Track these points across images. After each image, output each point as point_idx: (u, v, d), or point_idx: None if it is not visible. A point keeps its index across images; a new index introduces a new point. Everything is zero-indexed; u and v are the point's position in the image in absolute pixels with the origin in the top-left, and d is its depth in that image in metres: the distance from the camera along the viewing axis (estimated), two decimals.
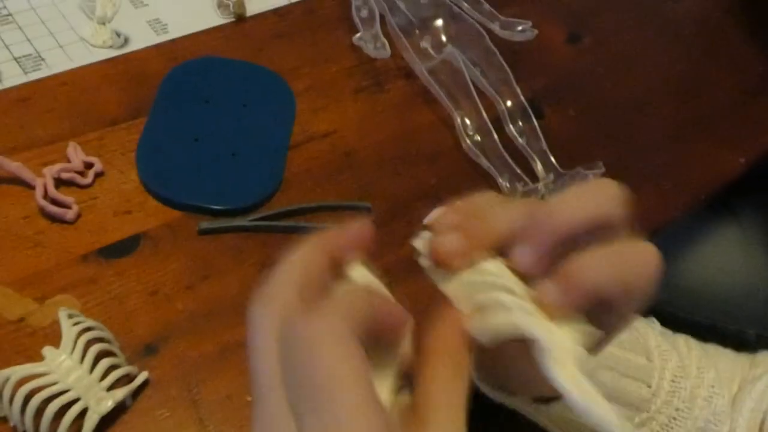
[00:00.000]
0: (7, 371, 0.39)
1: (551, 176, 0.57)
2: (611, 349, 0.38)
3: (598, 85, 0.71)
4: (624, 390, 0.39)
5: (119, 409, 0.41)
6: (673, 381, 0.40)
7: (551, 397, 0.35)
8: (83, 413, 0.39)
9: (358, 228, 0.27)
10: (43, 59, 0.56)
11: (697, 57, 0.74)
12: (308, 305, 0.23)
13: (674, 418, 0.40)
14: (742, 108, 0.71)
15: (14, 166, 0.48)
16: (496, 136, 0.60)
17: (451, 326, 0.26)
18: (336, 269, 0.26)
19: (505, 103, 0.63)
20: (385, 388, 0.24)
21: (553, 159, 0.60)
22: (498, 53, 0.65)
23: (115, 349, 0.43)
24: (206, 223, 0.50)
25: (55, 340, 0.41)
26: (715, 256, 0.76)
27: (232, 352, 0.45)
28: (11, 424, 0.39)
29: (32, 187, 0.48)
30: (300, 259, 0.25)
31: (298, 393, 0.21)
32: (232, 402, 0.43)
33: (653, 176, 0.64)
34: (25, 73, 0.55)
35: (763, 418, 0.39)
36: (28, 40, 0.57)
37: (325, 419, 0.20)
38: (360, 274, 0.27)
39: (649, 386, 0.39)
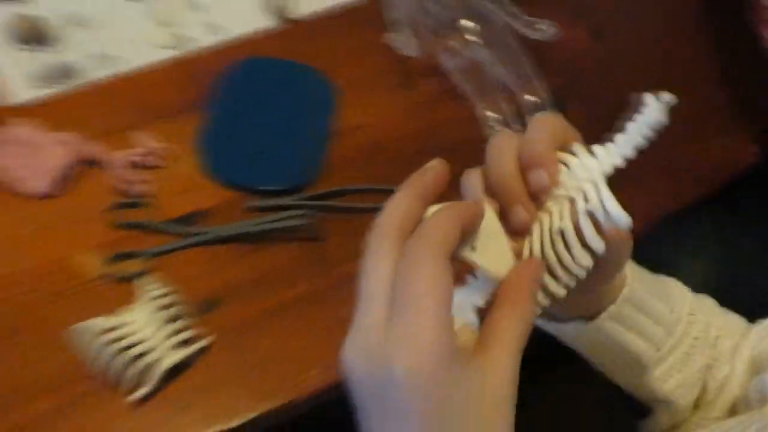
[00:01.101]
0: (91, 322, 0.46)
1: None
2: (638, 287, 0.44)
3: (618, 78, 0.75)
4: (653, 309, 0.44)
5: (183, 365, 0.48)
6: (690, 314, 0.45)
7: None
8: (152, 364, 0.46)
9: (434, 174, 0.34)
10: (113, 57, 0.64)
11: (721, 51, 0.78)
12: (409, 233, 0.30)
13: (694, 347, 0.46)
14: (758, 101, 0.75)
15: (94, 149, 0.56)
16: (518, 128, 0.65)
17: (526, 275, 0.32)
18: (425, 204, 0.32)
19: (527, 98, 0.68)
20: (469, 304, 0.31)
21: None
22: (521, 51, 0.70)
23: (182, 311, 0.49)
24: (255, 201, 0.56)
25: (128, 295, 0.48)
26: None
27: (282, 311, 0.51)
28: (94, 366, 0.46)
29: (108, 168, 0.55)
30: (399, 201, 0.32)
31: (398, 296, 0.28)
32: (276, 358, 0.49)
33: (669, 167, 0.69)
34: (100, 69, 0.63)
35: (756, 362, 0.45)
36: (101, 41, 0.65)
37: (407, 321, 0.27)
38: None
39: (672, 312, 0.45)
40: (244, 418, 0.47)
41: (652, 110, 0.37)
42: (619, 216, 0.34)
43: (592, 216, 0.35)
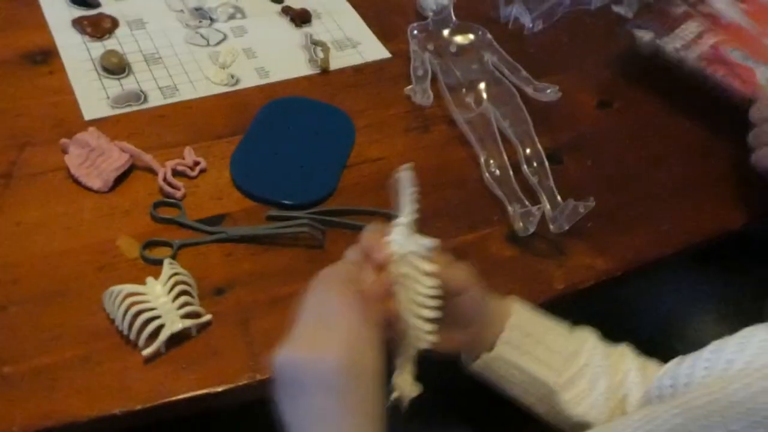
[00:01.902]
0: (120, 287, 0.57)
1: (547, 205, 0.70)
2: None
3: (618, 142, 0.82)
4: (546, 337, 0.54)
5: (186, 335, 0.57)
6: (593, 347, 0.52)
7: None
8: (160, 328, 0.55)
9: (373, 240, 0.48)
10: (177, 89, 0.77)
11: (716, 123, 0.84)
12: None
13: (598, 371, 0.53)
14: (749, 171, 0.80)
15: (147, 157, 0.68)
16: (511, 173, 0.74)
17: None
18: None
19: (524, 149, 0.76)
20: None
21: (557, 194, 0.72)
22: (525, 110, 0.79)
23: (193, 291, 0.59)
24: (272, 212, 0.67)
25: (156, 274, 0.58)
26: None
27: (280, 303, 0.60)
28: (115, 324, 0.56)
29: (156, 174, 0.67)
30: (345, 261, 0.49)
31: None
32: (267, 340, 0.57)
33: (653, 219, 0.74)
34: (164, 97, 0.76)
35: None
36: (170, 75, 0.78)
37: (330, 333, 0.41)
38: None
39: (570, 343, 0.54)
40: (234, 384, 0.55)
41: (405, 180, 0.51)
42: (426, 243, 0.49)
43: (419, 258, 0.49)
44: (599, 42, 0.96)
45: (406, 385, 0.49)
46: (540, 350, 0.53)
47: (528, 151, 0.76)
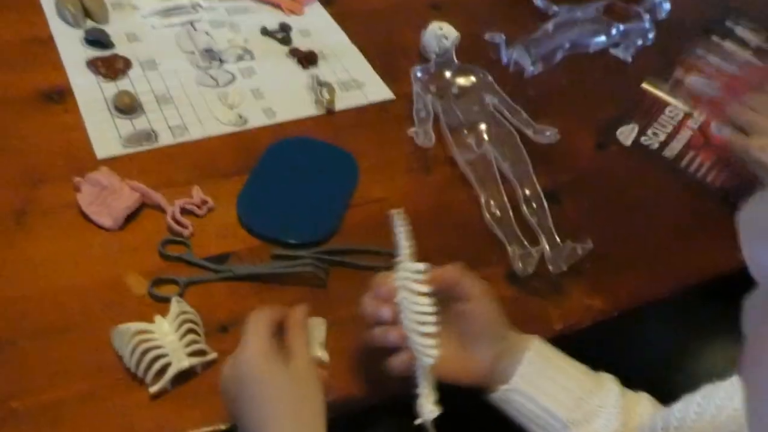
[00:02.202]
0: (129, 325, 0.58)
1: (546, 246, 0.72)
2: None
3: (615, 183, 0.84)
4: (560, 377, 0.56)
5: (192, 373, 0.58)
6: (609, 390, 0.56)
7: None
8: (167, 366, 0.57)
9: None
10: (187, 129, 0.79)
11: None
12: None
13: (611, 413, 0.55)
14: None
15: (156, 196, 0.70)
16: (511, 214, 0.75)
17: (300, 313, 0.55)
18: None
19: (523, 190, 0.78)
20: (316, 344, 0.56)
21: (556, 235, 0.74)
22: (524, 151, 0.81)
23: (200, 329, 0.61)
24: (277, 251, 0.68)
25: (163, 312, 0.60)
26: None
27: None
28: (123, 360, 0.58)
29: (165, 212, 0.69)
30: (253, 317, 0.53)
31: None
32: None
33: (648, 260, 0.76)
34: (174, 137, 0.78)
35: None
36: (180, 115, 0.81)
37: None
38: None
39: (584, 386, 0.56)
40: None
41: (397, 223, 0.58)
42: (417, 267, 0.55)
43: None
44: (597, 84, 0.99)
45: (427, 407, 0.53)
46: (555, 387, 0.55)
47: (527, 191, 0.78)
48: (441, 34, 0.91)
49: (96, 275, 0.64)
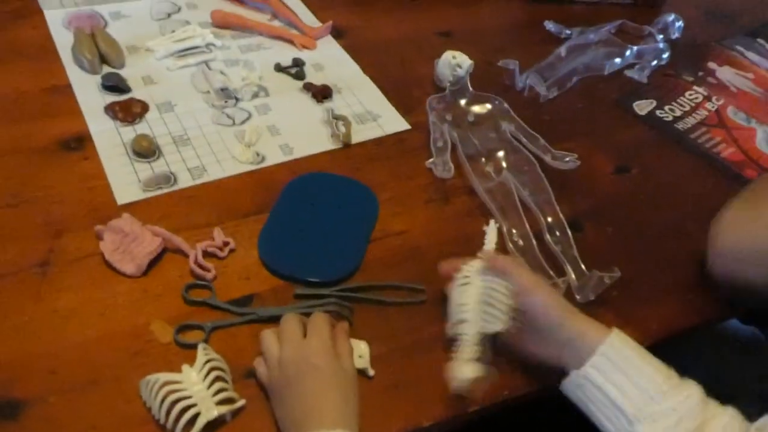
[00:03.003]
0: (156, 375, 0.58)
1: (572, 275, 0.71)
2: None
3: (637, 210, 0.83)
4: (634, 372, 0.57)
5: (221, 421, 0.58)
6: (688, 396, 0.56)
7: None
8: (197, 416, 0.56)
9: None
10: (205, 169, 0.80)
11: (735, 186, 0.85)
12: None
13: (684, 415, 0.55)
14: None
15: (178, 240, 0.70)
16: (534, 243, 0.74)
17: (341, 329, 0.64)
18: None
19: (546, 218, 0.77)
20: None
21: (581, 263, 0.73)
22: (545, 179, 0.81)
23: (227, 376, 0.60)
24: (300, 290, 0.68)
25: (190, 359, 0.60)
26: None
27: None
28: (152, 413, 0.57)
29: (187, 256, 0.69)
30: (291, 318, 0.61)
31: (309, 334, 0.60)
32: None
33: (678, 288, 0.75)
34: (193, 178, 0.78)
35: None
36: (198, 156, 0.81)
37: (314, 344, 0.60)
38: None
39: (660, 385, 0.57)
40: None
41: (490, 232, 0.68)
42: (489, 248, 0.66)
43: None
44: (614, 107, 0.98)
45: (465, 368, 0.58)
46: (627, 382, 0.56)
47: (549, 219, 0.77)
48: (455, 63, 0.91)
49: (122, 324, 0.64)
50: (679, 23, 1.13)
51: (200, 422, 0.55)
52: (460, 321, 0.61)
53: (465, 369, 0.58)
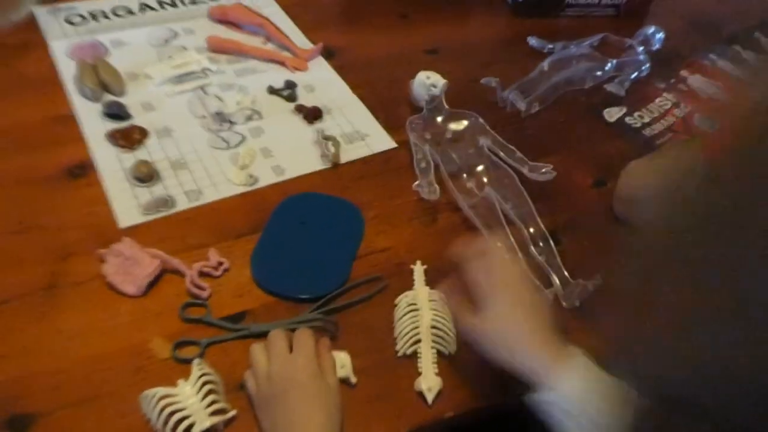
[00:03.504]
0: (154, 390, 0.62)
1: (558, 283, 0.75)
2: None
3: (613, 222, 0.87)
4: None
5: (214, 430, 0.62)
6: None
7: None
8: (192, 426, 0.60)
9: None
10: (201, 192, 0.84)
11: None
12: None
13: None
14: None
15: (175, 262, 0.74)
16: (520, 254, 0.78)
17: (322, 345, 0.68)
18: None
19: (528, 230, 0.81)
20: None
21: (566, 273, 0.76)
22: (525, 193, 0.84)
23: (219, 388, 0.64)
24: (289, 306, 0.72)
25: (186, 373, 0.64)
26: None
27: None
28: (151, 424, 0.62)
29: (184, 276, 0.73)
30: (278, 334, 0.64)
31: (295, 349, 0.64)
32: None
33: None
34: (189, 201, 0.83)
35: None
36: (194, 179, 0.86)
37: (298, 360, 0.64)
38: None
39: None
40: None
41: (417, 273, 0.77)
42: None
43: None
44: (594, 120, 1.02)
45: (429, 381, 0.66)
46: (583, 416, 0.56)
47: (532, 230, 0.81)
48: (429, 83, 0.95)
49: (123, 342, 0.68)
50: (660, 35, 1.16)
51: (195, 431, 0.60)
52: (415, 342, 0.69)
53: (427, 382, 0.66)
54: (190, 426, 0.60)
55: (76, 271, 0.73)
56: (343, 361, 0.67)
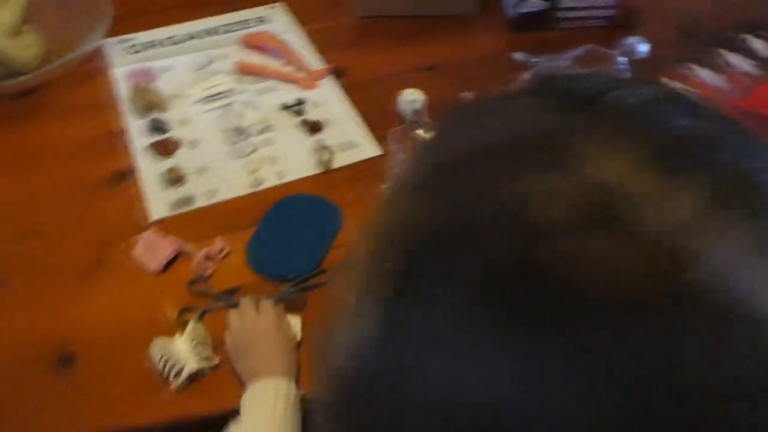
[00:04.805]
0: (158, 340, 0.83)
1: None
2: None
3: None
4: None
5: (201, 374, 0.82)
6: None
7: None
8: (182, 369, 0.81)
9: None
10: (216, 192, 1.05)
11: None
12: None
13: None
14: None
15: (188, 247, 0.95)
16: None
17: None
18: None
19: None
20: None
21: None
22: None
23: (208, 343, 0.85)
24: (273, 283, 0.91)
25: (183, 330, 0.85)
26: None
27: None
28: (155, 367, 0.83)
29: (193, 258, 0.94)
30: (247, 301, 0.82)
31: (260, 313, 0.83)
32: None
33: None
34: (206, 199, 1.04)
35: None
36: (212, 182, 1.07)
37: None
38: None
39: None
40: (232, 406, 0.79)
41: (295, 324, 0.88)
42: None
43: None
44: None
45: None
46: None
47: None
48: (411, 99, 1.11)
49: (145, 306, 0.90)
50: (643, 45, 1.25)
51: (185, 373, 0.80)
52: (180, 368, 0.81)
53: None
54: (182, 369, 0.81)
55: (115, 252, 0.96)
56: (294, 323, 0.85)
